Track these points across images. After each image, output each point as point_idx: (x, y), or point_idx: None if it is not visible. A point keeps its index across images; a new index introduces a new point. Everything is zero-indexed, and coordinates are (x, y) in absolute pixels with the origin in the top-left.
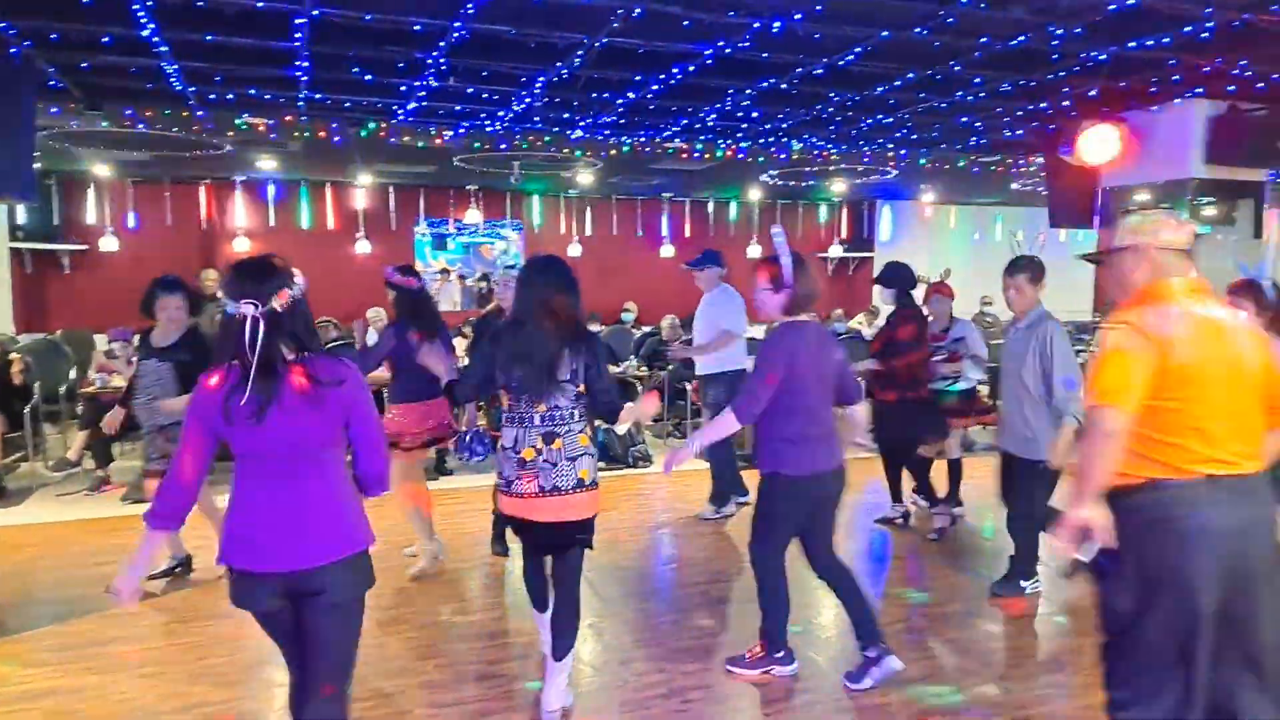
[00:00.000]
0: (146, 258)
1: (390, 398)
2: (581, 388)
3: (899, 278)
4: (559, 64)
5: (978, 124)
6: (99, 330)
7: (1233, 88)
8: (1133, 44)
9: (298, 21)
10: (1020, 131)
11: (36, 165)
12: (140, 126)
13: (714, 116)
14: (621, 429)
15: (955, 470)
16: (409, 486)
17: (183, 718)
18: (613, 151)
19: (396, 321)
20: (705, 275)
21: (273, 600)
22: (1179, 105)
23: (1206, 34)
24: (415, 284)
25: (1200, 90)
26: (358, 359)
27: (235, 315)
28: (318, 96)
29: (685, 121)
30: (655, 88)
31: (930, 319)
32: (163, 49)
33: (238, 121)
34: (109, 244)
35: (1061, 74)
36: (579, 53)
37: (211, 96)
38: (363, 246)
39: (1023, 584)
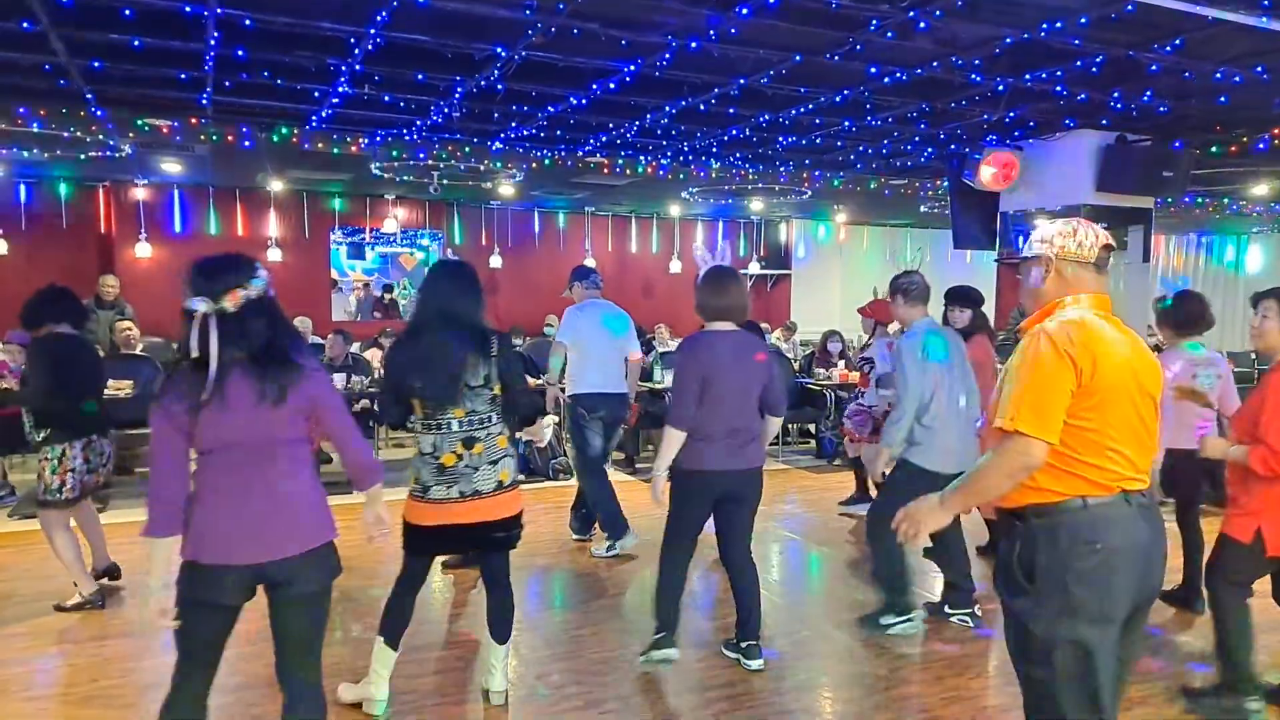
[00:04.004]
0: (40, 262)
1: None
2: (498, 389)
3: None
4: (477, 75)
5: (887, 148)
6: None
7: (1121, 119)
8: (1029, 76)
9: (203, 22)
10: (927, 156)
11: None
12: (35, 126)
13: (634, 132)
14: (543, 440)
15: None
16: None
17: None
18: (534, 164)
19: None
20: (574, 293)
21: (239, 594)
22: (1072, 135)
23: (1096, 68)
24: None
25: (1092, 121)
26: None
27: (190, 311)
28: (225, 99)
29: (606, 137)
30: (575, 102)
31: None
32: (57, 45)
33: (139, 122)
34: None
35: (964, 102)
36: (497, 65)
37: (112, 96)
38: (274, 254)
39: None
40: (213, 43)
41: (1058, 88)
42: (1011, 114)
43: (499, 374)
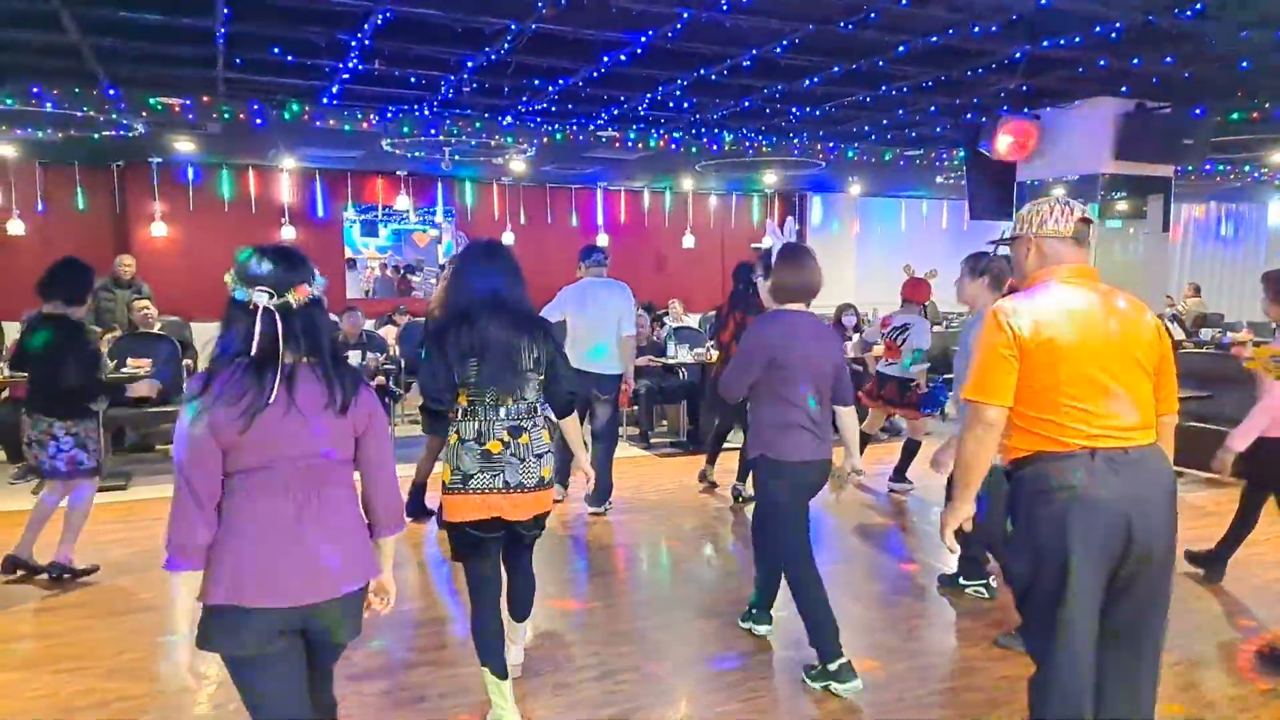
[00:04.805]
0: (56, 242)
1: None
2: (542, 377)
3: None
4: (487, 49)
5: (902, 118)
6: (4, 319)
7: (1141, 87)
8: (1047, 43)
9: None
10: (943, 127)
11: None
12: (48, 105)
13: (646, 105)
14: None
15: (907, 448)
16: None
17: (101, 713)
18: (545, 139)
19: None
20: (580, 271)
21: (280, 640)
22: (1090, 103)
23: (1115, 34)
24: None
25: (1111, 89)
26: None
27: (246, 303)
28: (236, 77)
29: (617, 110)
30: (586, 75)
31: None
32: (70, 23)
33: (152, 101)
34: (15, 228)
35: (980, 71)
36: (507, 38)
37: (124, 75)
38: (288, 232)
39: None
40: (223, 18)
41: (1076, 55)
42: (1029, 83)
43: (546, 359)
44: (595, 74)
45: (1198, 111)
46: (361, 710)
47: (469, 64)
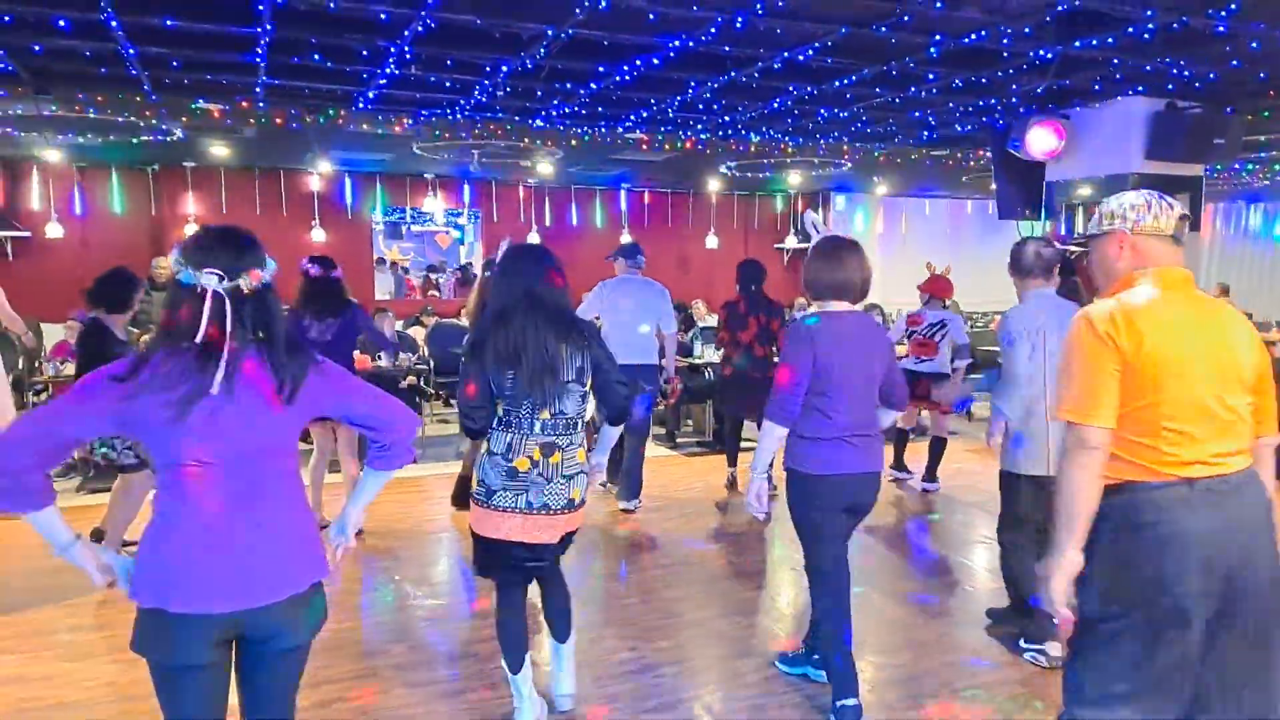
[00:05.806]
0: (94, 245)
1: None
2: (588, 385)
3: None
4: (523, 54)
5: (930, 119)
6: (45, 320)
7: (1171, 86)
8: (1078, 43)
9: (259, 7)
10: (970, 127)
11: None
12: (91, 111)
13: (675, 108)
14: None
15: (934, 448)
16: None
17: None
18: (573, 141)
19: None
20: (615, 266)
21: (214, 650)
22: (1121, 102)
23: (1148, 35)
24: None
25: (1141, 89)
26: None
27: (193, 286)
28: (277, 83)
29: (646, 112)
30: (618, 79)
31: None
32: (119, 33)
33: (193, 106)
34: (54, 231)
35: (1011, 71)
36: (543, 43)
37: (167, 81)
38: (318, 235)
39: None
40: (267, 27)
41: (1108, 55)
42: (1060, 83)
43: (591, 364)
44: (627, 77)
45: (1229, 110)
46: (404, 701)
47: (504, 69)
